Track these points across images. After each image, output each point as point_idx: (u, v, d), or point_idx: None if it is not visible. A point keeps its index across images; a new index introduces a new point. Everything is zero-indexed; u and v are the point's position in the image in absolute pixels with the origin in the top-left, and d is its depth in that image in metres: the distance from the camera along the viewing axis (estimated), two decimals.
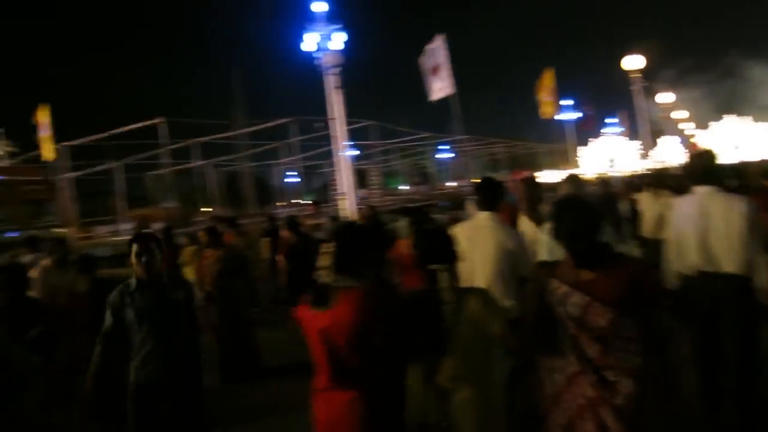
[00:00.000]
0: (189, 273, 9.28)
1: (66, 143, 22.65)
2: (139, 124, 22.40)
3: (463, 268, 2.74)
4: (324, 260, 2.58)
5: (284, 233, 8.87)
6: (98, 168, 27.07)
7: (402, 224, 9.47)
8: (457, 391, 2.53)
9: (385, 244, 4.92)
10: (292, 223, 8.94)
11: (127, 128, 22.51)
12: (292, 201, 39.98)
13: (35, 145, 21.25)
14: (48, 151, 20.31)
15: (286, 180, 44.99)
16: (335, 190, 21.33)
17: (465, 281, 2.80)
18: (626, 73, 41.18)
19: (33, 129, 21.11)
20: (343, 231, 2.77)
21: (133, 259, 3.69)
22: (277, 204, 40.06)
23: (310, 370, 2.74)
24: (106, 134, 23.25)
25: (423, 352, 2.54)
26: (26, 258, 7.70)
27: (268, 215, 13.27)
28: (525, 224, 4.57)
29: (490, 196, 3.91)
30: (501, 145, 52.97)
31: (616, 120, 56.97)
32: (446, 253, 2.64)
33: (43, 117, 20.07)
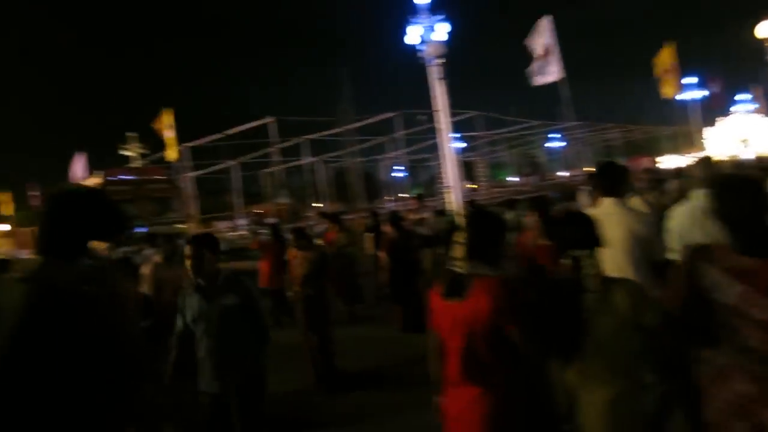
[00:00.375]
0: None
1: (187, 144, 24.19)
2: (252, 124, 23.40)
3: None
4: (457, 251, 2.48)
5: (386, 229, 8.76)
6: (217, 167, 28.72)
7: (509, 217, 9.09)
8: (587, 390, 2.34)
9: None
10: (395, 218, 8.81)
11: (240, 128, 23.63)
12: (399, 195, 40.20)
13: (163, 147, 22.88)
14: (172, 152, 21.79)
15: (393, 174, 45.31)
16: (441, 183, 21.07)
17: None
18: (761, 41, 37.12)
19: (160, 131, 22.71)
20: (476, 218, 2.65)
21: (186, 261, 3.67)
22: (385, 198, 40.46)
23: (403, 373, 2.58)
24: (222, 134, 24.53)
25: (559, 347, 2.38)
26: (146, 252, 8.16)
27: (371, 211, 13.28)
28: None
29: (613, 181, 3.71)
30: (616, 130, 49.99)
31: (749, 96, 51.82)
32: (590, 237, 2.45)
33: (167, 120, 21.53)
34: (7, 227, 40.69)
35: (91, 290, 1.77)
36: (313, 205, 34.90)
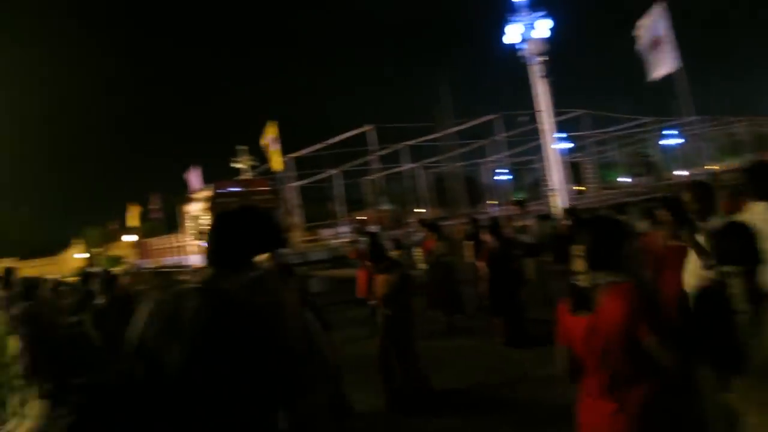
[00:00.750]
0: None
1: (291, 155, 24.96)
2: (351, 133, 23.73)
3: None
4: (578, 264, 2.41)
5: (485, 237, 8.36)
6: (319, 176, 29.41)
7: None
8: (753, 416, 2.15)
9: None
10: (494, 226, 8.40)
11: (340, 138, 24.04)
12: (503, 199, 39.20)
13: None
14: (277, 163, 22.57)
15: (495, 178, 44.31)
16: (546, 186, 20.22)
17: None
18: None
19: (266, 144, 23.61)
20: (594, 224, 2.54)
21: None
22: (487, 203, 39.62)
23: (502, 391, 2.34)
24: (323, 144, 25.11)
25: (711, 365, 2.24)
26: None
27: (470, 218, 12.87)
28: None
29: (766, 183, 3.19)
30: (743, 123, 45.72)
31: None
32: (747, 252, 2.23)
33: (272, 133, 22.34)
34: (134, 237, 44.28)
35: (257, 299, 1.90)
36: (415, 211, 34.84)
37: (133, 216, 49.08)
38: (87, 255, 54.29)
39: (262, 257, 2.05)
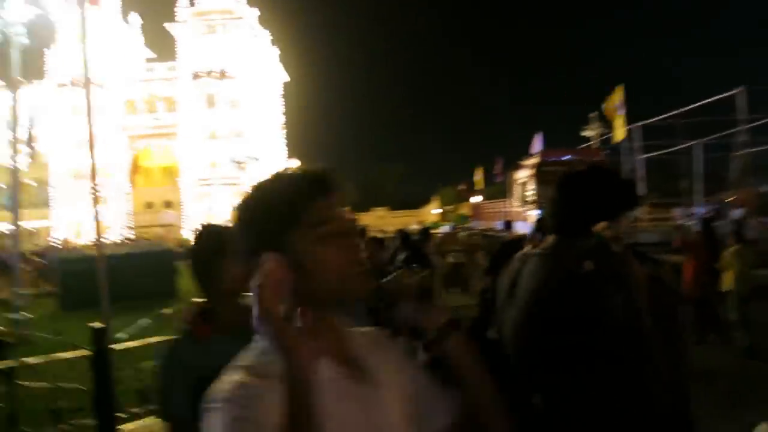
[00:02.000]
0: (727, 280, 7.52)
1: (637, 124, 22.58)
2: (714, 98, 20.13)
3: None
4: None
5: None
6: (672, 148, 25.91)
7: None
8: None
9: None
10: None
11: (700, 104, 20.62)
12: None
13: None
14: (619, 132, 20.70)
15: None
16: None
17: None
18: None
19: (611, 111, 21.89)
20: None
21: None
22: None
23: None
24: (678, 111, 21.94)
25: None
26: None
27: None
28: None
29: None
30: None
31: None
32: None
33: (617, 98, 20.52)
34: (479, 198, 47.02)
35: (591, 268, 1.86)
36: None
37: (479, 178, 52.13)
38: (440, 211, 60.10)
39: (601, 226, 1.89)
